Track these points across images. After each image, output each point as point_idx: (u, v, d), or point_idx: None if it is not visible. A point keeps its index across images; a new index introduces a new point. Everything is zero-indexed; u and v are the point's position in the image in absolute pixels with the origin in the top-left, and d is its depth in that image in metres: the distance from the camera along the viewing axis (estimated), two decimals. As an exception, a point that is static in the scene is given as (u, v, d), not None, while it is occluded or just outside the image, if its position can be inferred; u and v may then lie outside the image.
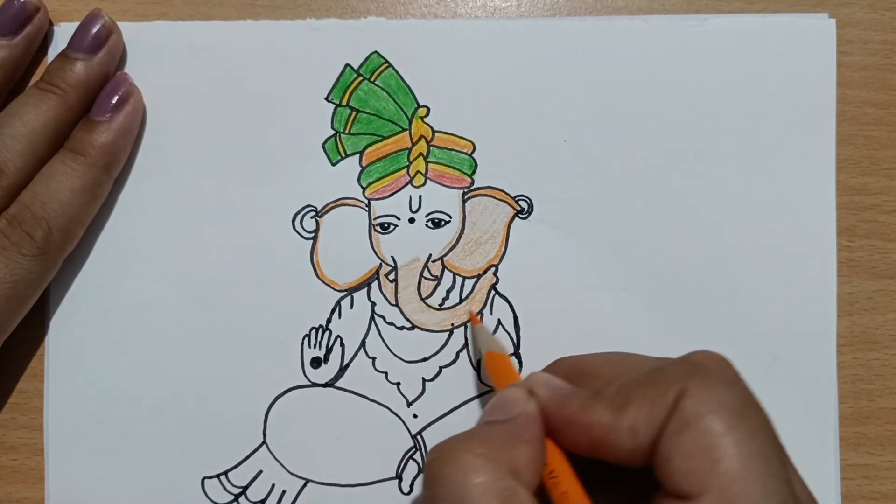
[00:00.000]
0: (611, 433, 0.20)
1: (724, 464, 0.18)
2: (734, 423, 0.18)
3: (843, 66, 0.31)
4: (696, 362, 0.20)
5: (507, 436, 0.21)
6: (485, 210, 0.31)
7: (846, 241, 0.31)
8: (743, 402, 0.19)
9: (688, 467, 0.18)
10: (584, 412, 0.21)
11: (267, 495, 0.30)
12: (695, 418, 0.19)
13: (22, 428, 0.31)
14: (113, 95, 0.29)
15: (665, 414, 0.19)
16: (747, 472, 0.18)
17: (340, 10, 0.32)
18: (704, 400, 0.19)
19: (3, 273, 0.27)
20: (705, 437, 0.18)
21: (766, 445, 0.19)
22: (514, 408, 0.22)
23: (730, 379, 0.20)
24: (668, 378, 0.20)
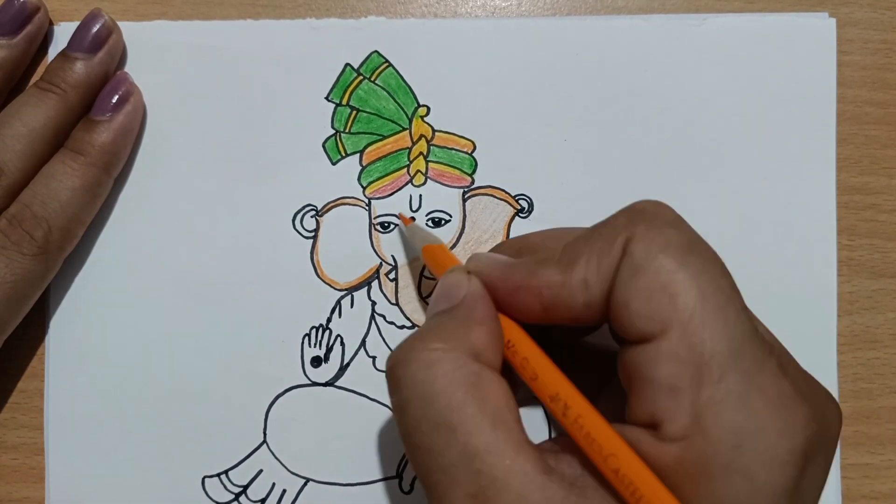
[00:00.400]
0: (562, 290, 0.20)
1: (681, 299, 0.18)
2: (685, 260, 0.18)
3: (843, 66, 0.31)
4: (639, 209, 0.20)
5: (458, 321, 0.20)
6: (485, 209, 0.31)
7: (846, 241, 0.31)
8: (690, 241, 0.19)
9: (647, 308, 0.18)
10: (531, 276, 0.20)
11: (267, 494, 0.30)
12: (646, 260, 0.18)
13: (22, 427, 0.31)
14: (113, 95, 0.29)
15: (615, 262, 0.19)
16: (705, 303, 0.18)
17: (340, 10, 0.32)
18: (653, 241, 0.19)
19: (4, 272, 0.27)
20: (659, 276, 0.18)
21: (719, 278, 0.18)
22: (459, 291, 0.21)
23: (673, 219, 0.20)
24: (613, 228, 0.20)
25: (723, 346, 0.18)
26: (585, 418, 0.19)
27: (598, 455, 0.18)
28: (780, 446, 0.17)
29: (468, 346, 0.20)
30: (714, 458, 0.17)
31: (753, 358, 0.18)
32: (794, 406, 0.18)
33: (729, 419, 0.17)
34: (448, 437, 0.18)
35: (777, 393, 0.17)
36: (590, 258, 0.20)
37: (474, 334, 0.20)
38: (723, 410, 0.17)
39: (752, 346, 0.18)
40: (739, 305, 0.18)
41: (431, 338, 0.20)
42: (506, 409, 0.19)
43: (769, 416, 0.17)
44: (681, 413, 0.18)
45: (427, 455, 0.19)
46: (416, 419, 0.19)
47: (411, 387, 0.19)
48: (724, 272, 0.19)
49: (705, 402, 0.17)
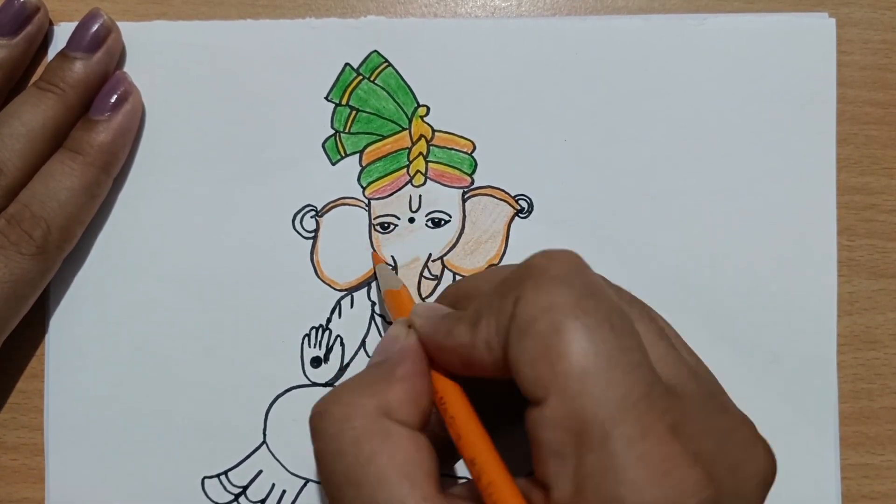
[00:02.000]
0: (472, 351, 0.20)
1: (560, 364, 0.17)
2: (568, 323, 0.18)
3: (843, 66, 0.31)
4: (531, 265, 0.20)
5: (380, 377, 0.21)
6: (485, 209, 0.31)
7: (846, 241, 0.31)
8: (576, 298, 0.18)
9: (531, 373, 0.18)
10: (448, 335, 0.20)
11: (267, 495, 0.30)
12: (527, 323, 0.18)
13: (22, 428, 0.31)
14: (112, 95, 0.29)
15: (507, 323, 0.19)
16: (586, 367, 0.17)
17: (340, 10, 0.32)
18: (535, 303, 0.18)
19: (3, 272, 0.27)
20: (539, 341, 0.18)
21: (605, 338, 0.18)
22: (394, 345, 0.22)
23: (561, 277, 0.19)
24: (508, 286, 0.19)
25: (602, 412, 0.17)
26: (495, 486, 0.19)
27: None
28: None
29: (383, 403, 0.20)
30: None
31: (639, 423, 0.17)
32: (680, 472, 0.17)
33: (609, 490, 0.17)
34: (354, 492, 0.19)
35: (662, 459, 0.17)
36: (489, 318, 0.19)
37: (392, 391, 0.20)
38: (602, 481, 0.17)
39: (638, 410, 0.17)
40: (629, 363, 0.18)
41: (349, 393, 0.20)
42: (413, 465, 0.19)
43: (651, 486, 0.16)
44: (565, 481, 0.17)
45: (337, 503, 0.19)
46: (327, 472, 0.20)
47: (324, 440, 0.20)
48: (614, 329, 0.18)
49: (587, 472, 0.17)
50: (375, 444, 0.19)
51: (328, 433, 0.20)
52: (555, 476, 0.18)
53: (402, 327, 0.23)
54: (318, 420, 0.20)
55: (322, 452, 0.20)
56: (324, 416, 0.20)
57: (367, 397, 0.20)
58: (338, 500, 0.19)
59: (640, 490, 0.16)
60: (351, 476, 0.19)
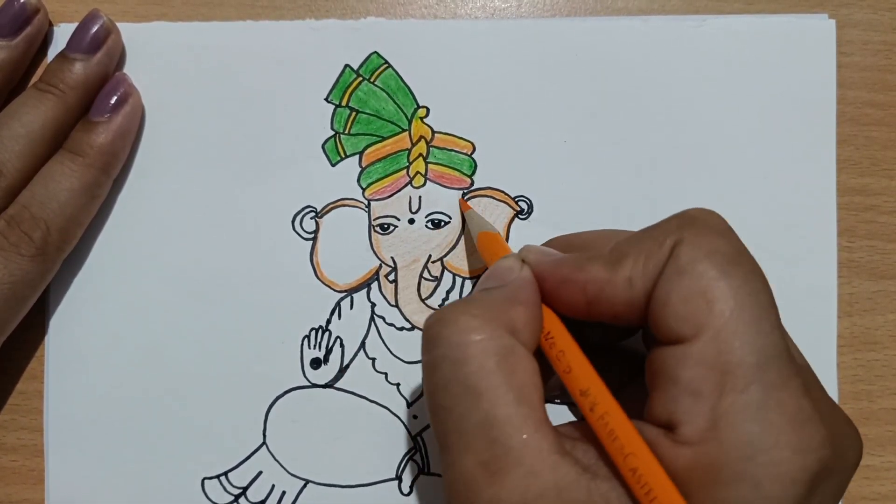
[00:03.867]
0: (607, 287, 0.20)
1: (718, 305, 0.18)
2: (728, 269, 0.19)
3: (843, 67, 0.31)
4: (690, 216, 0.20)
5: (503, 298, 0.21)
6: (485, 211, 0.31)
7: (846, 242, 0.31)
8: (736, 251, 0.19)
9: (684, 310, 0.19)
10: (579, 270, 0.21)
11: (267, 496, 0.30)
12: (690, 264, 0.19)
13: (22, 429, 0.31)
14: (111, 96, 0.29)
15: (661, 263, 0.19)
16: (741, 312, 0.18)
17: (340, 11, 0.32)
18: (699, 247, 0.19)
19: (2, 273, 0.27)
20: (700, 281, 0.19)
21: (758, 291, 0.19)
22: (510, 274, 0.22)
23: (723, 229, 0.20)
24: (663, 231, 0.20)
25: (751, 357, 0.18)
26: (611, 416, 0.19)
27: (618, 452, 0.18)
28: (792, 463, 0.17)
29: (507, 321, 0.20)
30: (726, 466, 0.17)
31: (779, 373, 0.18)
32: (811, 426, 0.18)
33: (745, 429, 0.17)
34: (472, 402, 0.19)
35: (796, 411, 0.18)
36: (637, 258, 0.20)
37: (515, 312, 0.20)
38: (740, 420, 0.17)
39: (780, 362, 0.18)
40: (775, 321, 0.19)
41: (474, 306, 0.20)
42: (532, 387, 0.19)
43: (786, 432, 0.17)
44: (699, 417, 0.18)
45: (448, 415, 0.19)
46: (444, 378, 0.19)
47: (446, 346, 0.20)
48: (764, 287, 0.19)
49: (724, 410, 0.18)
50: (500, 359, 0.19)
51: (452, 339, 0.20)
52: (688, 413, 0.18)
53: (516, 260, 0.22)
54: (441, 326, 0.20)
55: (441, 357, 0.20)
56: (448, 324, 0.20)
57: (494, 311, 0.20)
58: (450, 408, 0.19)
59: (775, 433, 0.17)
60: (471, 385, 0.19)
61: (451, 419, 0.19)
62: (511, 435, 0.18)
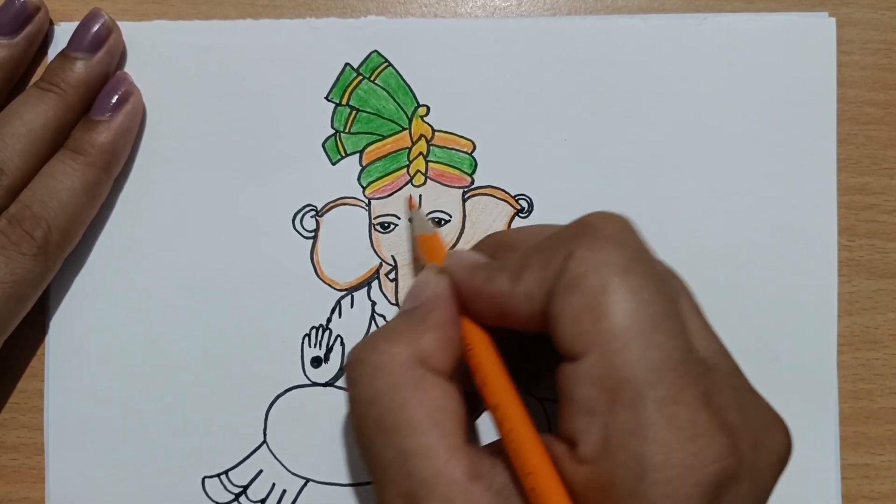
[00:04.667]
0: (510, 300, 0.20)
1: (605, 322, 0.18)
2: (617, 281, 0.18)
3: (843, 66, 0.31)
4: (586, 223, 0.20)
5: (413, 324, 0.21)
6: (485, 209, 0.31)
7: (846, 241, 0.31)
8: (628, 260, 0.19)
9: (573, 328, 0.18)
10: (487, 283, 0.21)
11: (267, 495, 0.30)
12: (578, 279, 0.18)
13: (22, 427, 0.31)
14: (113, 95, 0.29)
15: (554, 276, 0.19)
16: (629, 327, 0.18)
17: (340, 10, 0.32)
18: (588, 260, 0.19)
19: (3, 272, 0.27)
20: (587, 297, 0.18)
21: (651, 302, 0.18)
22: (424, 291, 0.22)
23: (616, 237, 0.19)
24: (559, 241, 0.20)
25: (640, 372, 0.17)
26: (517, 432, 0.19)
27: (521, 470, 0.19)
28: (684, 479, 0.17)
29: (416, 351, 0.20)
30: (619, 485, 0.17)
31: (672, 386, 0.17)
32: (705, 439, 0.17)
33: (635, 448, 0.17)
34: (385, 438, 0.19)
35: (690, 424, 0.17)
36: (535, 270, 0.20)
37: (424, 339, 0.21)
38: (631, 439, 0.17)
39: (674, 374, 0.17)
40: (671, 329, 0.18)
41: (383, 340, 0.21)
42: (444, 413, 0.19)
43: (676, 448, 0.17)
44: (593, 436, 0.18)
45: (368, 451, 0.20)
46: (361, 418, 0.20)
47: (359, 386, 0.20)
48: (661, 295, 0.19)
49: (616, 429, 0.17)
50: (408, 392, 0.19)
51: (363, 380, 0.20)
52: (582, 432, 0.18)
53: (433, 273, 0.22)
54: (354, 367, 0.21)
55: (356, 398, 0.20)
56: (358, 364, 0.20)
57: (400, 345, 0.20)
58: (369, 445, 0.20)
59: (667, 450, 0.17)
60: (383, 423, 0.19)
61: (371, 454, 0.20)
62: (424, 466, 0.19)
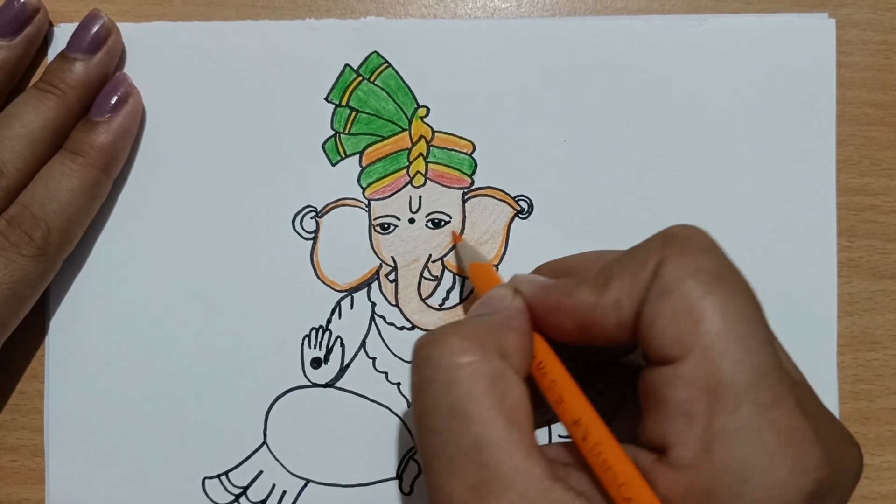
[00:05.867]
0: (595, 311, 0.20)
1: (705, 324, 0.18)
2: (713, 287, 0.18)
3: (843, 67, 0.31)
4: (673, 234, 0.20)
5: (496, 324, 0.21)
6: (485, 210, 0.31)
7: (846, 241, 0.31)
8: (721, 267, 0.19)
9: (670, 331, 0.18)
10: (567, 296, 0.21)
11: (267, 495, 0.30)
12: (674, 283, 0.19)
13: (22, 429, 0.31)
14: (112, 96, 0.29)
15: (646, 283, 0.19)
16: (728, 331, 0.18)
17: (340, 11, 0.32)
18: (683, 266, 0.19)
19: (3, 274, 0.27)
20: (686, 300, 0.18)
21: (746, 307, 0.18)
22: (502, 303, 0.22)
23: (707, 246, 0.20)
24: (646, 251, 0.20)
25: (741, 376, 0.17)
26: (603, 445, 0.19)
27: (612, 483, 0.18)
28: (788, 484, 0.17)
29: (498, 346, 0.20)
30: (721, 489, 0.17)
31: (772, 391, 0.18)
32: (807, 445, 0.17)
33: (739, 451, 0.17)
34: (461, 425, 0.19)
35: (791, 430, 0.17)
36: (622, 279, 0.20)
37: (507, 338, 0.20)
38: (734, 442, 0.17)
39: (772, 380, 0.18)
40: (765, 337, 0.18)
41: (466, 329, 0.20)
42: (522, 412, 0.19)
43: (780, 452, 0.17)
44: (692, 439, 0.18)
45: (437, 439, 0.19)
46: (433, 401, 0.19)
47: (436, 368, 0.19)
48: (752, 302, 0.19)
49: (717, 432, 0.17)
50: (491, 383, 0.19)
51: (442, 361, 0.19)
52: (680, 435, 0.18)
53: (508, 290, 0.22)
54: (432, 347, 0.20)
55: (431, 380, 0.19)
56: (439, 345, 0.20)
57: (485, 337, 0.20)
58: (437, 430, 0.19)
59: (769, 454, 0.17)
60: (460, 408, 0.19)
61: (440, 442, 0.19)
62: (501, 459, 0.18)
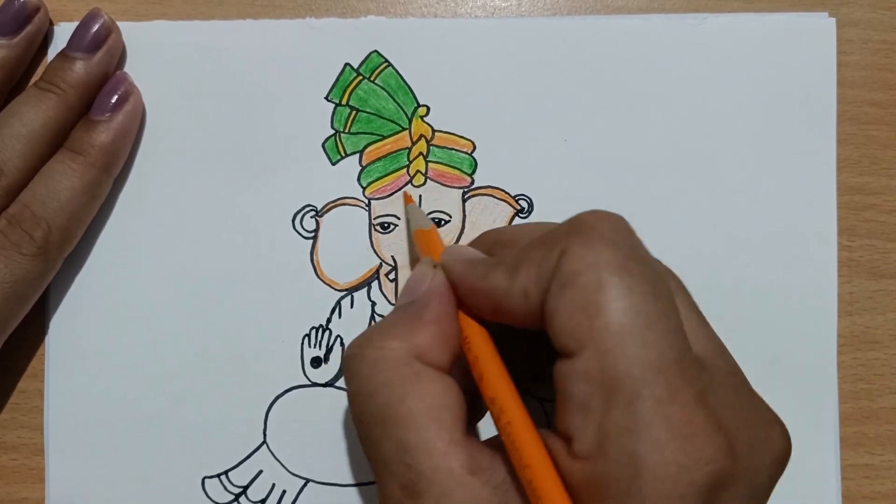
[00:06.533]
0: (506, 297, 0.20)
1: (600, 319, 0.18)
2: (612, 279, 0.18)
3: (843, 66, 0.31)
4: (580, 221, 0.20)
5: (410, 319, 0.21)
6: (485, 209, 0.31)
7: (846, 241, 0.31)
8: (624, 258, 0.19)
9: (568, 325, 0.18)
10: (483, 279, 0.21)
11: (267, 495, 0.30)
12: (573, 276, 0.18)
13: (22, 428, 0.31)
14: (112, 95, 0.29)
15: (549, 274, 0.19)
16: (623, 325, 0.18)
17: (340, 10, 0.32)
18: (582, 257, 0.19)
19: (3, 273, 0.27)
20: (583, 294, 0.18)
21: (646, 300, 0.18)
22: (420, 286, 0.22)
23: (611, 236, 0.19)
24: (554, 239, 0.20)
25: (636, 370, 0.17)
26: (514, 426, 0.19)
27: (518, 463, 0.19)
28: (678, 479, 0.17)
29: (414, 345, 0.20)
30: (614, 483, 0.17)
31: (668, 385, 0.17)
32: (703, 438, 0.17)
33: (630, 446, 0.17)
34: (384, 432, 0.20)
35: (686, 423, 0.17)
36: (530, 268, 0.20)
37: (421, 334, 0.21)
38: (626, 436, 0.17)
39: (670, 373, 0.17)
40: (667, 328, 0.18)
41: (379, 335, 0.21)
42: (442, 408, 0.20)
43: (671, 447, 0.17)
44: (588, 433, 0.18)
45: (369, 446, 0.20)
46: (359, 412, 0.20)
47: (357, 381, 0.21)
48: (656, 293, 0.18)
49: (611, 426, 0.17)
50: (406, 386, 0.20)
51: (361, 375, 0.20)
52: (578, 428, 0.18)
53: (429, 267, 0.23)
54: (351, 362, 0.21)
55: (355, 394, 0.21)
56: (356, 359, 0.21)
57: (398, 340, 0.21)
58: (369, 439, 0.20)
59: (661, 449, 0.17)
60: (382, 417, 0.20)
61: (372, 448, 0.20)
62: (421, 459, 0.19)
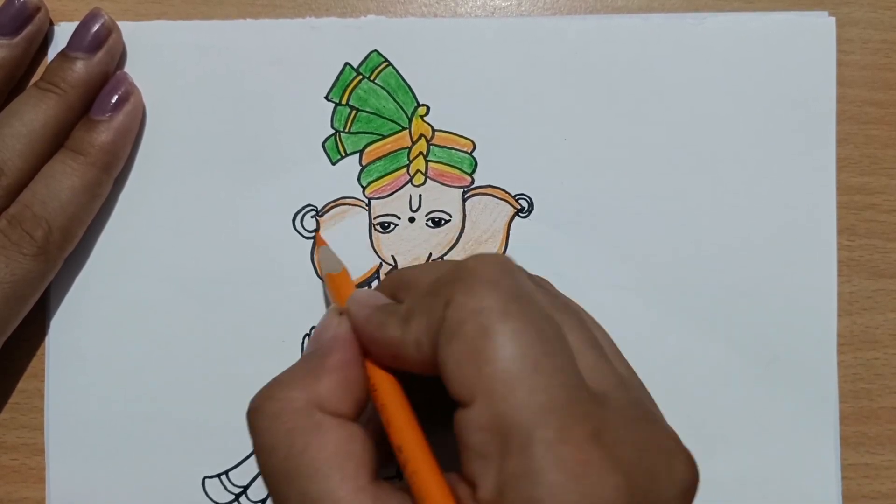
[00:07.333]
0: (401, 348, 0.20)
1: (487, 368, 0.18)
2: (495, 327, 0.18)
3: (843, 65, 0.31)
4: (462, 268, 0.20)
5: (311, 368, 0.21)
6: (485, 209, 0.31)
7: (846, 241, 0.31)
8: (505, 303, 0.18)
9: (458, 375, 0.18)
10: (380, 328, 0.21)
11: (267, 495, 0.30)
12: (458, 325, 0.18)
13: (22, 427, 0.31)
14: (113, 95, 0.29)
15: (437, 325, 0.19)
16: (510, 372, 0.18)
17: (340, 9, 0.32)
18: (464, 306, 0.19)
19: (4, 272, 0.27)
20: (469, 345, 0.18)
21: (532, 343, 0.18)
22: (325, 334, 0.22)
23: (492, 280, 0.19)
24: (439, 287, 0.20)
25: (526, 415, 0.17)
26: (419, 475, 0.19)
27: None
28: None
29: (314, 395, 0.20)
30: None
31: (560, 426, 0.17)
32: (598, 478, 0.17)
33: (528, 491, 0.17)
34: (289, 485, 0.19)
35: (580, 464, 0.17)
36: (420, 318, 0.20)
37: (322, 383, 0.21)
38: (523, 482, 0.17)
39: (561, 414, 0.17)
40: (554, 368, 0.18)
41: (279, 387, 0.21)
42: (345, 456, 0.19)
43: (569, 489, 0.17)
44: (489, 480, 0.18)
45: (275, 495, 0.20)
46: (264, 467, 0.20)
47: (259, 436, 0.20)
48: (542, 334, 0.18)
49: (509, 473, 0.17)
50: (307, 438, 0.20)
51: (262, 429, 0.20)
52: (479, 476, 0.18)
53: (334, 315, 0.23)
54: (253, 416, 0.21)
55: (258, 448, 0.20)
56: (257, 413, 0.21)
57: (297, 390, 0.20)
58: (276, 493, 0.20)
59: (557, 493, 0.17)
60: (285, 470, 0.19)
61: (278, 499, 0.20)
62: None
